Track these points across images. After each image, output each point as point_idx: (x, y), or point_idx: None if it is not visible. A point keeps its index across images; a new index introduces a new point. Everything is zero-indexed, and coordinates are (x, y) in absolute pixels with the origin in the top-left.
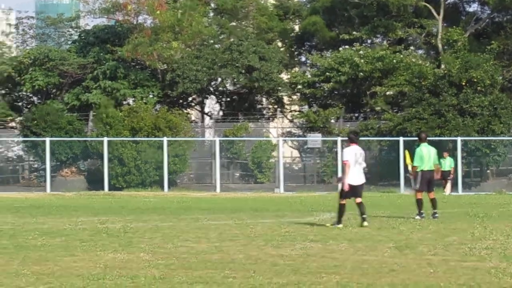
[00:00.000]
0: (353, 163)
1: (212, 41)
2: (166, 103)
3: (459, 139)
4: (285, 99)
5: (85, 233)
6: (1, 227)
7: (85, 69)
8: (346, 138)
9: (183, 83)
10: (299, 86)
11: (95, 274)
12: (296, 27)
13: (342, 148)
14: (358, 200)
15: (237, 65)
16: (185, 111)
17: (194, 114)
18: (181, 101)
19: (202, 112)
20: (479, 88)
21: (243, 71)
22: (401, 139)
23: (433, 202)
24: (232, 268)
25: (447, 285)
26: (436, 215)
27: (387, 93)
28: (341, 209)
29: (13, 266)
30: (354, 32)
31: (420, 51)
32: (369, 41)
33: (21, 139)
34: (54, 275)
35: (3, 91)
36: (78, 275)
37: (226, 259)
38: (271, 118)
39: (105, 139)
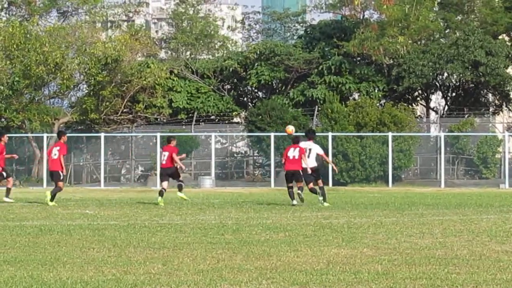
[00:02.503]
0: None
1: (438, 36)
2: (391, 98)
3: None
4: None
5: (309, 228)
6: (225, 222)
7: (310, 64)
8: None
9: (409, 78)
10: None
11: (318, 269)
12: None
13: None
14: None
15: (463, 60)
16: (410, 106)
17: (419, 109)
18: (406, 96)
19: (428, 107)
20: None
21: (469, 66)
22: None
23: None
24: (456, 264)
25: None
26: None
27: None
28: None
29: (236, 261)
30: None
31: None
32: None
33: (246, 134)
34: (277, 270)
35: (228, 86)
36: (301, 271)
37: (450, 255)
38: (496, 113)
39: (330, 134)
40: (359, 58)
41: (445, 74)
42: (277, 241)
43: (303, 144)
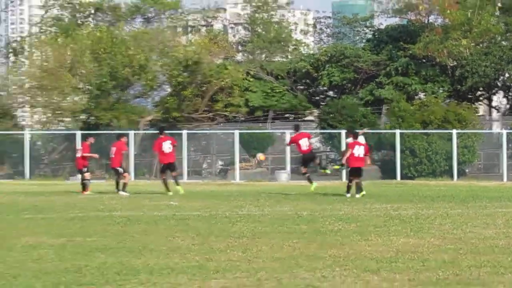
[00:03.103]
0: None
1: (499, 39)
2: (455, 98)
3: None
4: None
5: (379, 219)
6: (300, 213)
7: (378, 66)
8: None
9: (472, 78)
10: None
11: (387, 257)
12: None
13: None
14: None
15: None
16: (473, 105)
17: (482, 108)
18: (469, 95)
19: (490, 106)
20: None
21: None
22: None
23: None
24: None
25: None
26: None
27: None
28: None
29: (311, 250)
30: None
31: None
32: None
33: (318, 131)
34: (349, 258)
35: (301, 86)
36: (372, 259)
37: None
38: None
39: (397, 132)
40: (424, 60)
41: (506, 75)
42: (349, 231)
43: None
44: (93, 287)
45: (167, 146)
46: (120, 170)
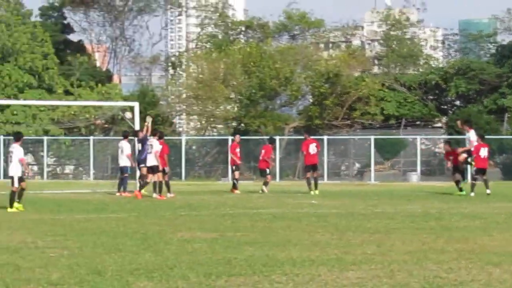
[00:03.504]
0: None
1: None
2: None
3: None
4: None
5: (500, 217)
6: (429, 211)
7: (501, 78)
8: None
9: None
10: None
11: (509, 251)
12: None
13: None
14: None
15: None
16: None
17: None
18: None
19: None
20: None
21: None
22: None
23: None
24: None
25: None
26: None
27: None
28: None
29: (439, 244)
30: None
31: None
32: None
33: (446, 136)
34: (474, 252)
35: (431, 96)
36: (494, 252)
37: None
38: None
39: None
40: None
41: None
42: (473, 227)
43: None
44: (242, 277)
45: (312, 148)
46: (267, 171)
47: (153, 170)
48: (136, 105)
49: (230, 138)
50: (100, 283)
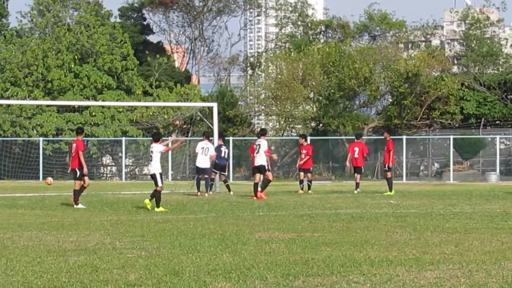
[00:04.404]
0: None
1: None
2: None
3: None
4: None
5: None
6: (508, 210)
7: None
8: None
9: None
10: None
11: None
12: None
13: None
14: None
15: None
16: None
17: None
18: None
19: None
20: None
21: None
22: None
23: None
24: None
25: None
26: None
27: None
28: None
29: None
30: None
31: None
32: None
33: None
34: None
35: (511, 96)
36: None
37: None
38: None
39: None
40: None
41: None
42: None
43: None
44: (319, 277)
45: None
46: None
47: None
48: (214, 105)
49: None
50: (177, 284)
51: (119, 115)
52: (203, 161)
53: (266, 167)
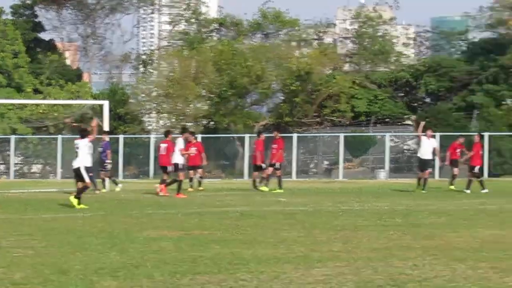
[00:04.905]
0: None
1: None
2: None
3: None
4: None
5: (467, 213)
6: (396, 208)
7: (471, 75)
8: None
9: None
10: None
11: (473, 247)
12: None
13: None
14: None
15: None
16: None
17: None
18: None
19: None
20: None
21: None
22: None
23: None
24: None
25: None
26: None
27: None
28: None
29: (405, 241)
30: None
31: None
32: None
33: (415, 134)
34: (439, 248)
35: (401, 94)
36: (460, 248)
37: None
38: None
39: (487, 134)
40: None
41: None
42: (440, 224)
43: None
44: (207, 275)
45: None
46: (263, 166)
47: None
48: (105, 103)
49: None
50: (64, 283)
51: (8, 113)
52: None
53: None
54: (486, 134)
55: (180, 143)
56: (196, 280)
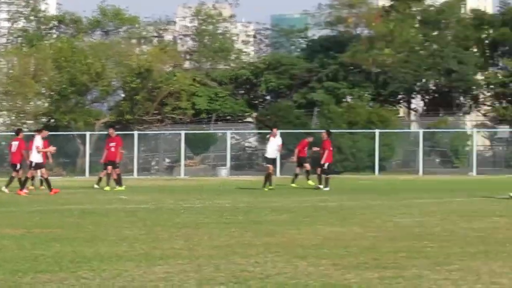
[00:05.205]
0: None
1: (418, 48)
2: (378, 101)
3: None
4: (479, 97)
5: (308, 210)
6: (237, 205)
7: (311, 72)
8: None
9: (393, 83)
10: (492, 86)
11: (315, 244)
12: (490, 35)
13: None
14: None
15: (439, 68)
16: (394, 107)
17: (402, 110)
18: (391, 99)
19: (409, 108)
20: None
21: (443, 73)
22: None
23: None
24: (430, 239)
25: None
26: None
27: None
28: None
29: (246, 238)
30: None
31: None
32: None
33: (256, 131)
34: (281, 245)
35: (242, 91)
36: (301, 245)
37: (426, 232)
38: (466, 113)
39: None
40: (351, 67)
41: (424, 80)
42: (281, 221)
43: None
44: (48, 274)
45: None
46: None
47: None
48: None
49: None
50: None
51: None
52: None
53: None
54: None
55: (37, 140)
56: (38, 279)
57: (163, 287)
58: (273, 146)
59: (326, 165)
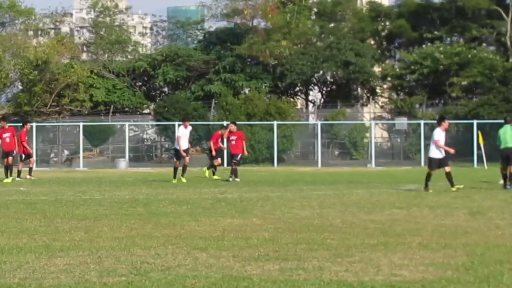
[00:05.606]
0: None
1: (315, 40)
2: (276, 93)
3: None
4: (377, 89)
5: (207, 202)
6: (137, 197)
7: (208, 64)
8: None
9: (290, 75)
10: (389, 78)
11: (215, 236)
12: (387, 27)
13: (432, 129)
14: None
15: (336, 60)
16: (292, 99)
17: (299, 101)
18: (289, 90)
19: (307, 100)
20: None
21: (341, 65)
22: (475, 122)
23: (510, 175)
24: (331, 231)
25: None
26: (508, 186)
27: (463, 83)
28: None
29: (146, 230)
30: (436, 32)
31: (492, 48)
32: (448, 39)
33: (154, 123)
34: (181, 237)
35: (139, 83)
36: (201, 237)
37: (326, 224)
38: (364, 105)
39: (224, 123)
40: (249, 59)
41: (321, 72)
42: (181, 213)
43: None
44: None
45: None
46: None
47: None
48: None
49: None
50: None
51: None
52: None
53: None
54: (224, 123)
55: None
56: None
57: (64, 279)
58: (185, 138)
59: (239, 156)
